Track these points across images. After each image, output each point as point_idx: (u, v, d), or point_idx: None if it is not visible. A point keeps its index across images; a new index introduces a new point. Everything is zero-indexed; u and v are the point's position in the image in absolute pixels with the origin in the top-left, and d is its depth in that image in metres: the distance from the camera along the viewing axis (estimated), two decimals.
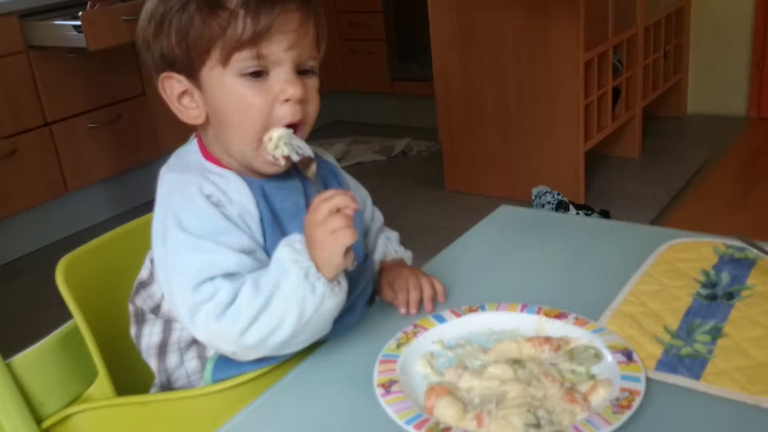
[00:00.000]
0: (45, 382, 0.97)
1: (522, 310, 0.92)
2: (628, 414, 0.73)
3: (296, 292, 0.83)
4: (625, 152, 3.44)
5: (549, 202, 2.80)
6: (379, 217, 1.13)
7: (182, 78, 0.91)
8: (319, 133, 3.90)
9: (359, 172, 3.53)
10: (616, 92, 3.23)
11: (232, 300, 0.84)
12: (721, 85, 3.80)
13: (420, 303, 0.99)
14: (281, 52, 0.88)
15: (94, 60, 2.99)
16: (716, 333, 0.87)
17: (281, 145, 0.89)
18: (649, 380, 0.79)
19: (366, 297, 1.01)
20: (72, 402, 0.98)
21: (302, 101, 0.90)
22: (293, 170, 0.94)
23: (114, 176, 3.18)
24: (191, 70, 0.90)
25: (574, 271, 1.05)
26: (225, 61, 0.87)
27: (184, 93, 0.92)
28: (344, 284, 0.88)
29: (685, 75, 3.86)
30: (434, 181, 3.33)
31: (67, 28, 2.75)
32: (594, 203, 2.92)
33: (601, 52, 2.98)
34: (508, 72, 2.96)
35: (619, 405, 0.74)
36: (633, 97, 3.36)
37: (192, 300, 0.85)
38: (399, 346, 0.88)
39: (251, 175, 0.94)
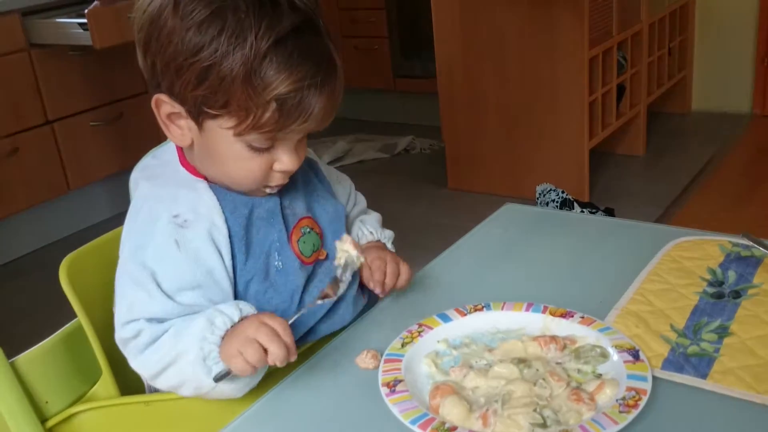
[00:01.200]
0: (49, 381, 0.97)
1: (527, 309, 0.92)
2: (634, 413, 0.72)
3: (193, 368, 0.82)
4: (630, 150, 3.43)
5: (553, 200, 2.79)
6: (361, 200, 1.12)
7: (182, 109, 0.86)
8: (321, 131, 3.88)
9: (361, 170, 3.53)
10: (621, 89, 3.22)
11: (151, 343, 0.85)
12: (725, 82, 3.79)
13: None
14: (295, 135, 0.87)
15: (95, 58, 2.99)
16: (723, 332, 0.86)
17: (344, 260, 0.88)
18: (655, 379, 0.79)
19: (354, 288, 1.00)
20: (76, 401, 0.98)
21: None
22: None
23: (116, 174, 3.18)
24: (195, 115, 0.85)
25: (580, 270, 1.05)
26: (238, 133, 0.84)
27: (176, 114, 0.87)
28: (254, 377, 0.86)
29: (689, 72, 3.85)
30: (437, 179, 3.33)
31: (72, 26, 2.74)
32: (598, 201, 2.91)
33: (605, 49, 2.97)
34: (512, 69, 2.95)
35: (625, 404, 0.74)
36: (637, 95, 3.35)
37: (121, 334, 0.88)
38: (404, 345, 0.87)
39: (223, 186, 0.92)
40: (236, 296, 0.90)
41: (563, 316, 0.90)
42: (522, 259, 1.10)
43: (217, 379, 0.81)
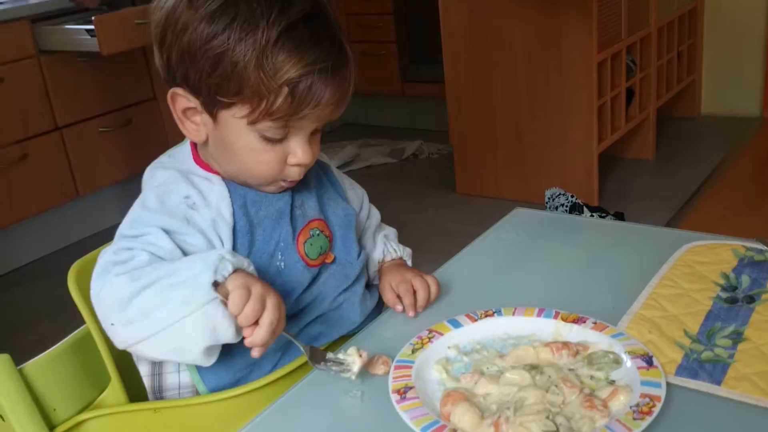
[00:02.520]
0: (57, 388, 0.96)
1: (539, 315, 0.91)
2: (648, 420, 0.72)
3: (195, 278, 0.78)
4: (639, 154, 3.42)
5: (563, 205, 2.78)
6: (375, 214, 1.13)
7: (197, 103, 0.88)
8: (329, 135, 3.89)
9: (370, 175, 3.52)
10: (630, 93, 3.21)
11: (144, 266, 0.82)
12: (734, 85, 3.78)
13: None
14: (308, 125, 0.88)
15: (104, 64, 3.00)
16: (737, 337, 0.85)
17: (343, 360, 0.86)
18: (669, 385, 0.78)
19: (360, 291, 1.00)
20: (84, 408, 0.98)
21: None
22: None
23: (125, 180, 3.19)
24: (209, 106, 0.87)
25: (591, 275, 1.04)
26: (250, 122, 0.85)
27: (192, 109, 0.90)
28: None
29: (698, 75, 3.84)
30: (445, 183, 3.32)
31: (79, 32, 2.76)
32: (608, 205, 2.90)
33: (614, 53, 2.96)
34: (520, 73, 2.94)
35: (639, 411, 0.73)
36: (647, 98, 3.34)
37: (111, 258, 0.84)
38: (414, 351, 0.87)
39: (238, 182, 0.93)
40: None
41: (575, 321, 0.89)
42: (532, 264, 1.09)
43: (217, 285, 0.78)
